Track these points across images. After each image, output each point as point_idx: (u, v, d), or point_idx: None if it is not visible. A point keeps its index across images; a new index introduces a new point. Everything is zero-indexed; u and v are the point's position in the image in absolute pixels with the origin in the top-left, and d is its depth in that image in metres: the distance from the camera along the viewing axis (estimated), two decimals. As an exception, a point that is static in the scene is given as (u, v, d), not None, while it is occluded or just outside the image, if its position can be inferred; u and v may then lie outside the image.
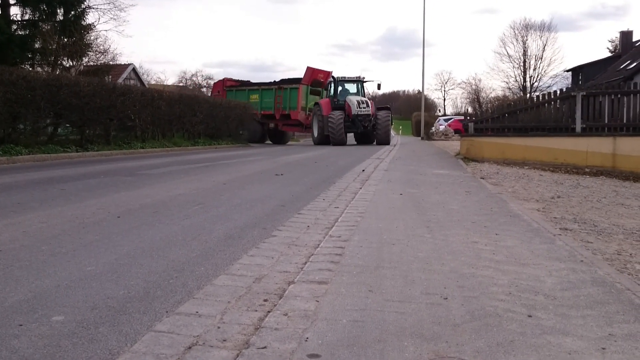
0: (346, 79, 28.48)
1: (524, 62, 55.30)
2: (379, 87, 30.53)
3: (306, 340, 2.32)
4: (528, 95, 48.94)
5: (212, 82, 58.29)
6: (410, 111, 75.55)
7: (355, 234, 4.52)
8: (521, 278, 3.29)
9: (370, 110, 26.24)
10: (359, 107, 26.14)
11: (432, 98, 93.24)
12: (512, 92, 54.19)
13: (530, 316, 2.64)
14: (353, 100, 26.55)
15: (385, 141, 26.43)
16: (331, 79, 28.71)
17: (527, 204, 6.78)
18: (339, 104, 26.84)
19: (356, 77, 28.74)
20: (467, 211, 5.84)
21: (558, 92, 15.42)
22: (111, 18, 26.95)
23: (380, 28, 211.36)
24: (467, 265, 3.57)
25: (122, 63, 35.96)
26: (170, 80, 65.92)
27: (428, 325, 2.50)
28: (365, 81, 28.91)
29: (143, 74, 47.46)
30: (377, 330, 2.45)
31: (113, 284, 3.10)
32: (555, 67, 62.92)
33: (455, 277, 3.28)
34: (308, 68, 30.33)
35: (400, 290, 3.01)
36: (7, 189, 7.44)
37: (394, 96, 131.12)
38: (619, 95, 14.31)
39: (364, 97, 28.07)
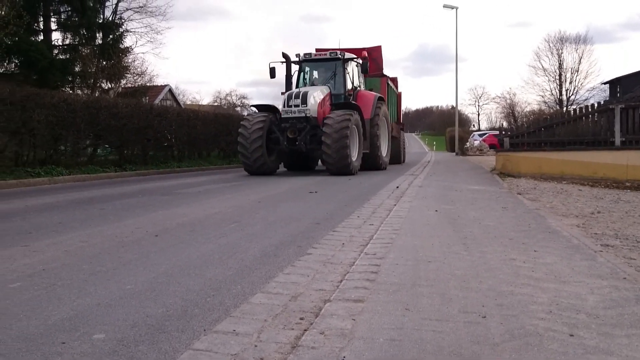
0: (312, 57, 16.98)
1: (560, 75, 54.42)
2: (364, 69, 16.99)
3: (343, 359, 2.32)
4: (564, 108, 48.14)
5: (246, 102, 58.83)
6: (444, 127, 75.14)
7: (391, 251, 4.49)
8: (562, 296, 3.22)
9: (310, 109, 14.92)
10: (288, 105, 15.21)
11: (466, 113, 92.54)
12: (548, 106, 53.38)
13: (572, 335, 2.58)
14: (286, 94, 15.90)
15: (338, 167, 14.31)
16: (285, 60, 17.21)
17: (566, 220, 6.64)
18: None
19: (331, 54, 16.83)
20: (504, 227, 5.76)
21: (596, 105, 15.13)
22: (148, 41, 27.71)
23: (412, 44, 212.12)
24: (505, 283, 3.52)
25: (159, 84, 36.79)
26: (205, 100, 66.93)
27: (467, 345, 2.46)
28: (348, 59, 16.92)
29: (179, 95, 48.38)
30: (415, 349, 2.42)
31: (152, 302, 3.15)
32: (592, 80, 61.74)
33: (494, 295, 3.23)
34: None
35: (438, 309, 2.97)
36: (49, 209, 7.64)
37: (427, 112, 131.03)
38: (660, 107, 13.96)
39: (349, 85, 16.85)
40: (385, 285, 3.46)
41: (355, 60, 17.28)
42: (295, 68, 17.38)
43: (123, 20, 23.91)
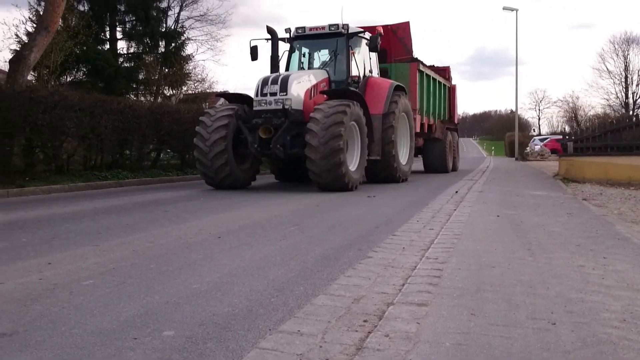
0: (306, 32, 12.80)
1: (626, 77, 52.37)
2: (373, 46, 12.35)
3: (409, 362, 2.30)
4: (631, 112, 46.25)
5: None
6: (502, 131, 73.44)
7: (453, 256, 4.43)
8: (636, 304, 3.10)
9: (292, 99, 10.94)
10: (262, 93, 11.19)
11: (526, 117, 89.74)
12: (613, 110, 51.43)
13: (648, 345, 2.48)
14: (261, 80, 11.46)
15: (327, 179, 10.34)
16: (270, 37, 12.79)
17: (636, 227, 6.38)
18: None
19: (330, 27, 12.47)
20: (570, 234, 5.58)
21: (667, 107, 14.48)
22: (208, 48, 28.60)
23: (469, 48, 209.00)
24: (574, 289, 3.41)
25: (218, 90, 37.49)
26: (262, 105, 67.80)
27: (536, 352, 2.41)
28: (354, 34, 12.63)
29: (237, 101, 49.06)
30: (483, 354, 2.38)
31: (218, 302, 3.22)
32: (660, 83, 59.05)
33: (563, 302, 3.13)
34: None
35: (505, 315, 2.91)
36: (116, 210, 7.92)
37: (485, 116, 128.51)
38: None
39: (356, 70, 12.68)
40: (448, 289, 3.42)
41: (362, 36, 13.03)
42: (285, 48, 13.28)
43: (184, 29, 24.69)
